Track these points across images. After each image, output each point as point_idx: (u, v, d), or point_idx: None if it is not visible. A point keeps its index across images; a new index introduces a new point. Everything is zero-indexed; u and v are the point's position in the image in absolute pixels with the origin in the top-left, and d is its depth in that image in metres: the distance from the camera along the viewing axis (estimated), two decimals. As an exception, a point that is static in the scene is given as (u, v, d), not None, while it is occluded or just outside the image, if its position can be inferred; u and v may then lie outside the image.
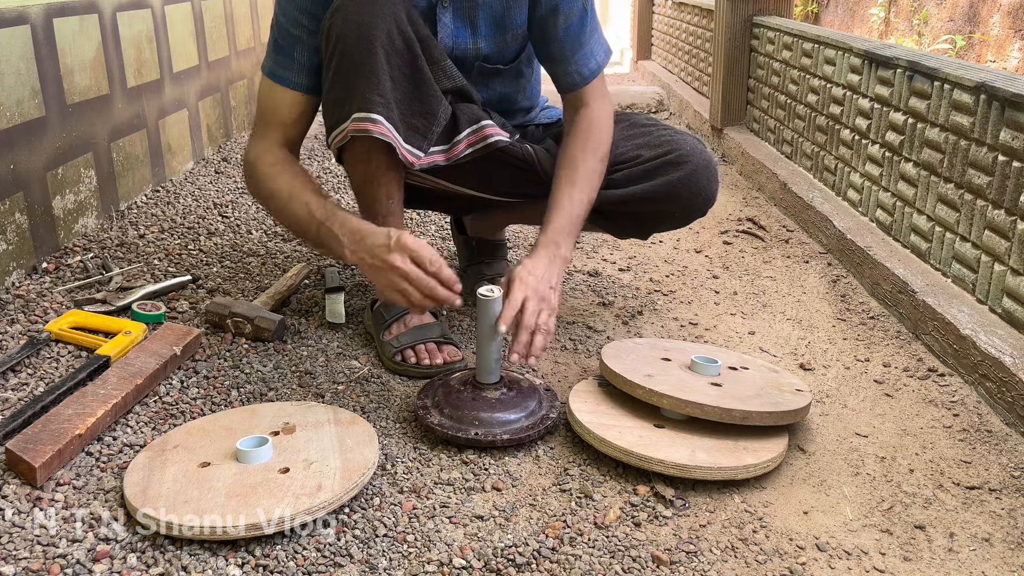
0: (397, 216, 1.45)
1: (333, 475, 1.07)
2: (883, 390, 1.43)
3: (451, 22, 1.41)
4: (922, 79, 1.77)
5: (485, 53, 1.46)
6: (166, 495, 1.04)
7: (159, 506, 1.02)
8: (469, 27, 1.43)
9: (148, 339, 1.43)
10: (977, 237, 1.56)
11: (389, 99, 1.30)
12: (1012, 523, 1.09)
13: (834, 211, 2.09)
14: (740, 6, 2.89)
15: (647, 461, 1.14)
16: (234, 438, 1.14)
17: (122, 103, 2.20)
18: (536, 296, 1.25)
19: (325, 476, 1.07)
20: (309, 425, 1.19)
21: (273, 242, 2.03)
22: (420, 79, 1.34)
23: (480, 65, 1.47)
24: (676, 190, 1.46)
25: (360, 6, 1.28)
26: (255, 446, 1.11)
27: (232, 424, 1.20)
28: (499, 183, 1.57)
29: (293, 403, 1.28)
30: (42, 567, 0.96)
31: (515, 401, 1.27)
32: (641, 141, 1.50)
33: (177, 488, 1.05)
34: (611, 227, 1.57)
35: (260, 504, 1.02)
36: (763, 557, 1.03)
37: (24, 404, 1.27)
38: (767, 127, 2.77)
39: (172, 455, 1.13)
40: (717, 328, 1.66)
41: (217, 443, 1.15)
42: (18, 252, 1.72)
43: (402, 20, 1.30)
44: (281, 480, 1.06)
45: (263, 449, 1.11)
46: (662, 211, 1.51)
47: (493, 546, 1.03)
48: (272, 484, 1.06)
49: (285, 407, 1.25)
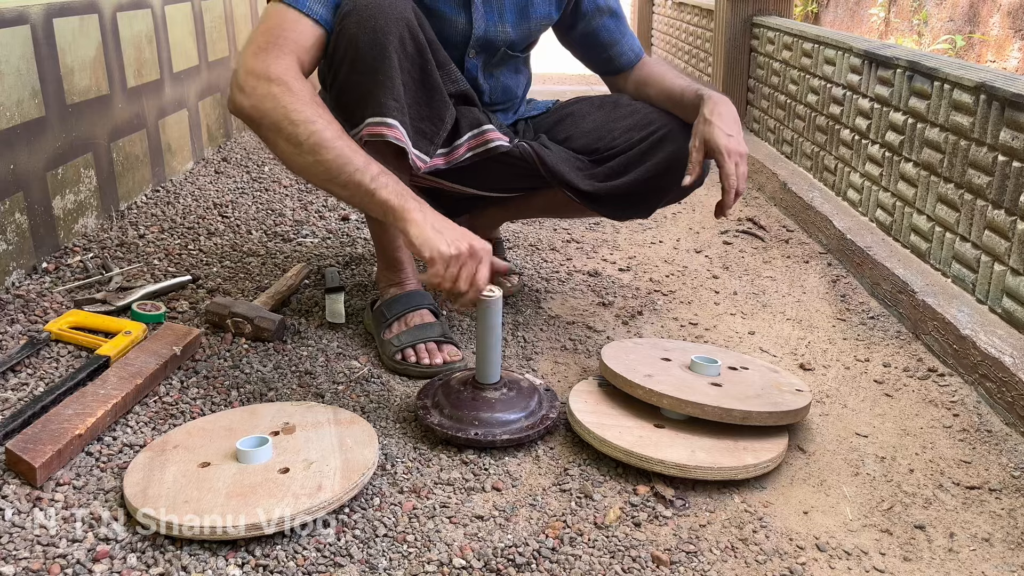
0: None
1: (333, 475, 1.07)
2: (883, 390, 1.43)
3: (482, 5, 1.44)
4: (922, 79, 1.77)
5: (512, 39, 1.50)
6: (166, 495, 1.04)
7: (159, 506, 1.02)
8: (496, 13, 1.46)
9: (148, 339, 1.43)
10: (977, 237, 1.56)
11: (402, 103, 1.30)
12: (1012, 523, 1.09)
13: (834, 211, 2.09)
14: (740, 6, 2.89)
15: (647, 461, 1.14)
16: (234, 438, 1.14)
17: (122, 103, 2.20)
18: (742, 158, 1.40)
19: (325, 476, 1.07)
20: (309, 425, 1.19)
21: (273, 242, 2.03)
22: (430, 84, 1.35)
23: (504, 52, 1.51)
24: (674, 164, 1.48)
25: (372, 10, 1.27)
26: (255, 446, 1.11)
27: (232, 424, 1.20)
28: (497, 181, 1.58)
29: (293, 403, 1.28)
30: (42, 567, 0.96)
31: (515, 401, 1.27)
32: (629, 123, 1.53)
33: (177, 488, 1.05)
34: (615, 212, 1.58)
35: (260, 504, 1.02)
36: (763, 557, 1.03)
37: (24, 404, 1.27)
38: (767, 127, 2.77)
39: (172, 455, 1.13)
40: (717, 328, 1.66)
41: (217, 443, 1.15)
42: (18, 252, 1.72)
43: (413, 24, 1.30)
44: (281, 480, 1.06)
45: (263, 449, 1.11)
46: (664, 186, 1.53)
47: (493, 546, 1.03)
48: (272, 484, 1.06)
49: (285, 407, 1.25)
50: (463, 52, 1.47)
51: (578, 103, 1.63)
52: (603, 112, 1.57)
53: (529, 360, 1.50)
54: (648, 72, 1.62)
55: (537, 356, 1.52)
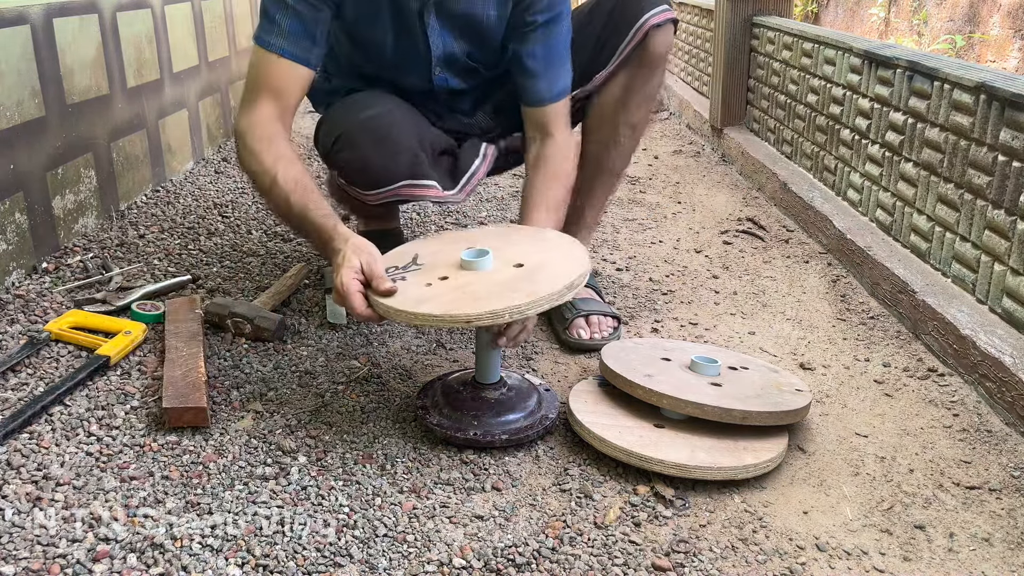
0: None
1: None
2: (883, 390, 1.43)
3: (437, 24, 1.46)
4: (922, 79, 1.77)
5: (469, 50, 1.51)
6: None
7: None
8: (451, 32, 1.48)
9: (167, 314, 1.55)
10: (977, 237, 1.56)
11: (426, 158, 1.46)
12: (1012, 523, 1.09)
13: (834, 211, 2.09)
14: (740, 6, 2.89)
15: (647, 461, 1.14)
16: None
17: (122, 103, 2.20)
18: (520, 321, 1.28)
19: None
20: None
21: (273, 242, 2.03)
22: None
23: (465, 63, 1.52)
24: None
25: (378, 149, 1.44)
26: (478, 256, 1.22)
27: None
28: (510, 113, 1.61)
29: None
30: (42, 567, 0.96)
31: (514, 401, 1.27)
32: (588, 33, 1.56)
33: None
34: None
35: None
36: (763, 557, 1.03)
37: (24, 404, 1.27)
38: (767, 127, 2.77)
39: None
40: (717, 328, 1.66)
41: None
42: (18, 252, 1.72)
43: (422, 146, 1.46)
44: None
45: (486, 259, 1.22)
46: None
47: (493, 546, 1.03)
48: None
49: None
50: (430, 69, 1.52)
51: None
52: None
53: (529, 360, 1.51)
54: (546, 162, 1.49)
55: (537, 356, 1.52)
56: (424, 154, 1.46)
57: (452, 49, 1.50)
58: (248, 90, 1.39)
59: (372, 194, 1.47)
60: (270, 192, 1.32)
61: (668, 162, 3.01)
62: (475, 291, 1.15)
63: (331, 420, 1.29)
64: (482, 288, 1.16)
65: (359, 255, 1.20)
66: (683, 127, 3.57)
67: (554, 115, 1.50)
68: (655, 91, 1.59)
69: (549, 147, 1.49)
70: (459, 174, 1.53)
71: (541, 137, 1.51)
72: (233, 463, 1.17)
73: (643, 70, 1.55)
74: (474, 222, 2.26)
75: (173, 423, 1.23)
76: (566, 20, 1.48)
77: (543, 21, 1.45)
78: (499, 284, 1.17)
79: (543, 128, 1.50)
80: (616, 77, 1.56)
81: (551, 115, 1.49)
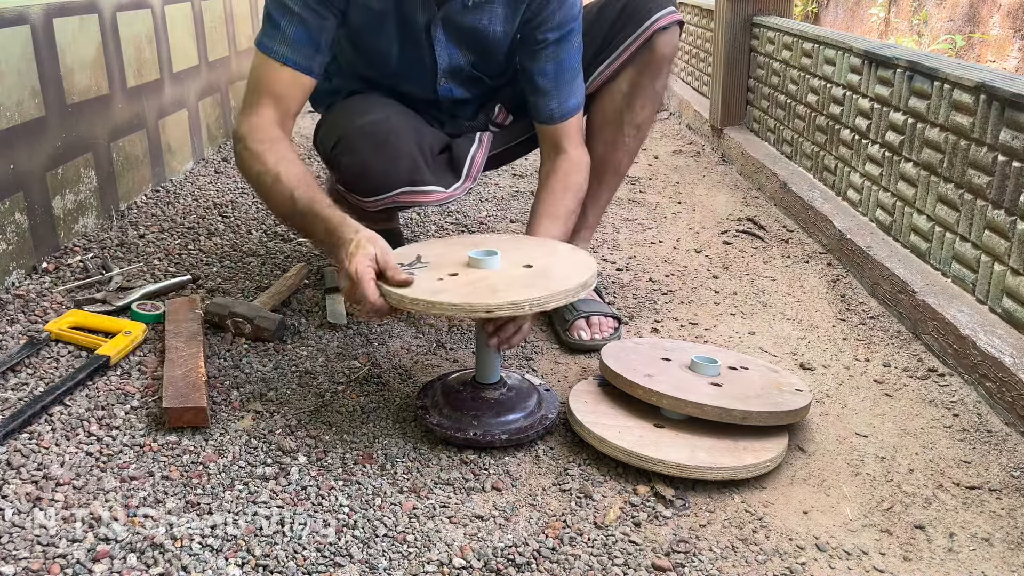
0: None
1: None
2: (883, 390, 1.43)
3: (443, 37, 1.46)
4: (922, 79, 1.77)
5: (475, 61, 1.52)
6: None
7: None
8: (457, 45, 1.49)
9: (167, 314, 1.55)
10: (977, 237, 1.56)
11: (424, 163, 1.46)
12: (1012, 523, 1.09)
13: (834, 211, 2.09)
14: (740, 6, 2.89)
15: (647, 461, 1.14)
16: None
17: (122, 103, 2.20)
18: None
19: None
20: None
21: (273, 242, 2.03)
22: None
23: (470, 73, 1.53)
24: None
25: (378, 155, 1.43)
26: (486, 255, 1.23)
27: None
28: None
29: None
30: (42, 567, 0.96)
31: (514, 401, 1.27)
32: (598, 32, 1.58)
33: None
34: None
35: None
36: (763, 557, 1.03)
37: (24, 404, 1.27)
38: (767, 127, 2.77)
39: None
40: (717, 328, 1.66)
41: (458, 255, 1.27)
42: (18, 252, 1.72)
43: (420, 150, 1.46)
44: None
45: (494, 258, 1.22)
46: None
47: (493, 546, 1.03)
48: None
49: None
50: (435, 80, 1.52)
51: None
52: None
53: (529, 360, 1.51)
54: (558, 173, 1.51)
55: (537, 356, 1.52)
56: (423, 159, 1.46)
57: (458, 61, 1.50)
58: (249, 95, 1.39)
59: (371, 201, 1.47)
60: (273, 190, 1.31)
61: (668, 162, 3.01)
62: (492, 284, 1.15)
63: (331, 420, 1.29)
64: (500, 281, 1.16)
65: (373, 244, 1.19)
66: (683, 127, 3.58)
67: (566, 132, 1.51)
68: (660, 92, 1.59)
69: (562, 161, 1.51)
70: (459, 165, 1.53)
71: (554, 153, 1.52)
72: (233, 463, 1.17)
73: (648, 71, 1.55)
74: (474, 222, 2.26)
75: (173, 423, 1.23)
76: (577, 36, 1.48)
77: (554, 39, 1.46)
78: (514, 279, 1.17)
79: (556, 145, 1.52)
80: (621, 77, 1.56)
81: (563, 132, 1.51)
